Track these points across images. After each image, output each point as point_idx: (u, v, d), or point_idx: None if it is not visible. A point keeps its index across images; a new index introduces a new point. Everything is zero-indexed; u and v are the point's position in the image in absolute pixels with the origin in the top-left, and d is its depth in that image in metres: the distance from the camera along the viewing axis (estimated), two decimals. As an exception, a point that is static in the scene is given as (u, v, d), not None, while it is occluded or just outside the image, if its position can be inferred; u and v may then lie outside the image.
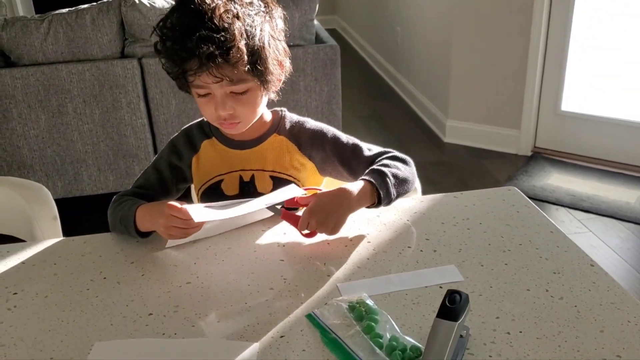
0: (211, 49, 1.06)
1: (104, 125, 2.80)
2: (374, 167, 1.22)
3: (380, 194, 1.17)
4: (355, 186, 1.16)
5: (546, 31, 3.25)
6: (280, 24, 1.21)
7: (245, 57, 1.10)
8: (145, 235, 1.18)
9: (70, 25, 2.67)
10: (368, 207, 1.19)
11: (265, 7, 1.17)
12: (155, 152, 2.89)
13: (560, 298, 0.99)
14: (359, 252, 1.13)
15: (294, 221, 1.15)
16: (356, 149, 1.30)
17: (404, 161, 1.26)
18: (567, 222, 2.83)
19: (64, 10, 2.73)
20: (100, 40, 2.72)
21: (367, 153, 1.29)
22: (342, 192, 1.15)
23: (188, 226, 1.10)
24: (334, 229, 1.13)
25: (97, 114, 2.77)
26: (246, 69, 1.12)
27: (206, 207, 1.13)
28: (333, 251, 1.14)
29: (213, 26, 1.07)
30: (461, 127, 3.66)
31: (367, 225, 1.22)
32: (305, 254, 1.13)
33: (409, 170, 1.25)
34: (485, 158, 3.51)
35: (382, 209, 1.23)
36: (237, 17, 1.10)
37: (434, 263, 1.10)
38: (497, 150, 3.57)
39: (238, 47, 1.09)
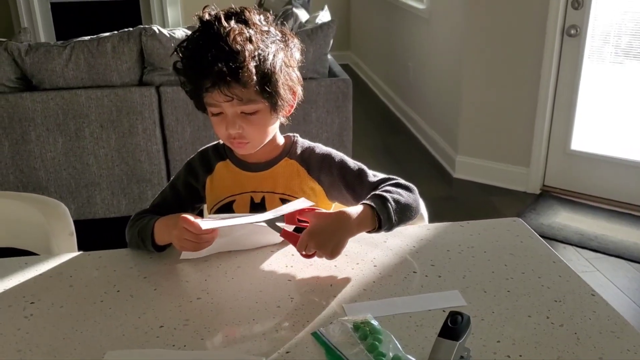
0: (222, 68, 1.13)
1: (119, 150, 2.86)
2: (376, 192, 1.25)
3: (380, 218, 1.18)
4: (356, 210, 1.18)
5: (557, 70, 3.31)
6: (297, 54, 1.27)
7: (255, 77, 1.16)
8: (161, 249, 1.22)
9: (92, 52, 2.76)
10: (369, 231, 1.20)
11: (282, 36, 1.24)
12: (169, 177, 2.95)
13: (560, 325, 1.02)
14: (365, 275, 1.16)
15: (294, 241, 1.17)
16: (361, 173, 1.33)
17: (407, 188, 1.28)
18: (574, 260, 2.83)
19: (86, 38, 2.82)
20: (119, 68, 2.80)
21: (371, 179, 1.33)
22: (342, 215, 1.16)
23: (199, 240, 1.14)
24: (332, 253, 1.14)
25: (113, 138, 2.84)
26: (255, 89, 1.18)
27: (217, 218, 1.17)
28: (340, 273, 1.17)
29: (226, 47, 1.15)
30: (470, 163, 3.69)
31: (374, 249, 1.25)
32: (312, 274, 1.17)
33: (412, 197, 1.26)
34: (493, 194, 3.53)
35: (388, 234, 1.26)
36: (250, 40, 1.17)
37: (439, 288, 1.12)
38: (505, 188, 3.59)
39: (248, 68, 1.15)
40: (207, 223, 1.13)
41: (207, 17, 1.19)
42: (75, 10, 6.00)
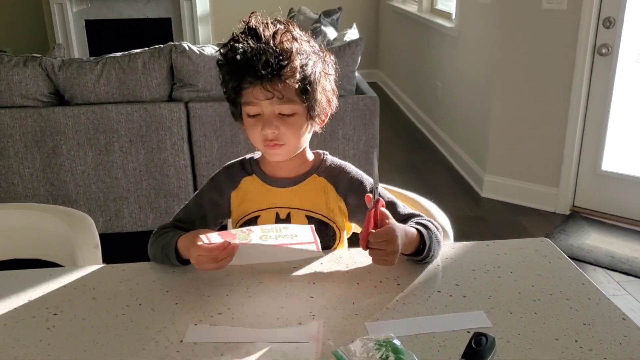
0: (269, 59, 1.16)
1: (147, 164, 2.89)
2: (422, 221, 1.26)
3: (423, 247, 1.21)
4: (410, 230, 1.20)
5: (587, 89, 3.26)
6: (331, 70, 1.30)
7: (298, 75, 1.19)
8: (186, 262, 1.22)
9: (123, 68, 2.80)
10: (404, 254, 1.20)
11: (320, 49, 1.28)
12: (196, 192, 2.96)
13: (589, 349, 0.99)
14: (388, 294, 1.14)
15: (366, 230, 1.15)
16: (393, 205, 1.32)
17: (438, 229, 1.28)
18: (605, 283, 2.77)
19: (118, 54, 2.87)
20: (149, 84, 2.84)
21: (402, 210, 1.33)
22: (405, 230, 1.19)
23: (214, 260, 1.14)
24: (394, 257, 1.15)
25: (142, 153, 2.87)
26: (296, 87, 1.19)
27: (233, 235, 1.16)
28: (362, 291, 1.15)
29: (273, 43, 1.18)
30: (499, 183, 3.65)
31: (398, 267, 1.23)
32: (334, 292, 1.15)
33: (442, 238, 1.29)
34: (522, 215, 3.48)
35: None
36: (296, 39, 1.21)
37: (463, 308, 1.10)
38: (534, 208, 3.54)
39: (292, 66, 1.18)
40: (218, 237, 1.13)
41: (253, 22, 1.22)
42: (108, 27, 6.13)
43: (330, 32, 3.80)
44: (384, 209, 1.18)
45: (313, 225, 1.16)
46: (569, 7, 3.15)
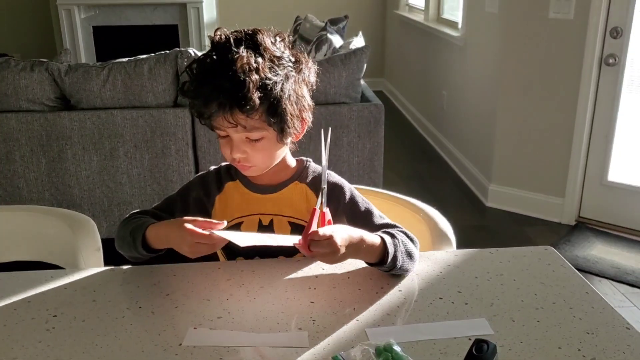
0: (225, 97, 1.13)
1: (152, 170, 2.89)
2: (390, 231, 1.24)
3: (386, 255, 1.17)
4: (372, 238, 1.17)
5: (594, 99, 3.25)
6: (312, 78, 1.26)
7: (260, 108, 1.15)
8: (152, 251, 1.22)
9: (129, 74, 2.81)
10: (368, 263, 1.20)
11: (295, 62, 1.22)
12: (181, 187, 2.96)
13: (592, 358, 0.97)
14: (390, 300, 1.14)
15: (306, 231, 1.12)
16: (368, 213, 1.30)
17: (412, 240, 1.25)
18: (610, 294, 2.75)
19: (124, 60, 2.89)
20: (155, 89, 2.85)
21: (377, 220, 1.30)
22: (362, 237, 1.16)
23: (211, 241, 1.13)
24: (339, 258, 1.12)
25: (146, 158, 2.87)
26: (260, 118, 1.17)
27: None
28: (363, 297, 1.15)
29: (230, 76, 1.13)
30: (504, 192, 3.63)
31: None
32: (335, 297, 1.15)
33: (416, 250, 1.24)
34: (527, 225, 3.46)
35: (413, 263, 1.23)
36: (257, 70, 1.14)
37: (465, 315, 1.09)
38: (539, 218, 3.52)
39: (251, 98, 1.13)
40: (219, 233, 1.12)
41: (217, 39, 1.19)
42: (116, 33, 6.17)
43: (336, 40, 3.81)
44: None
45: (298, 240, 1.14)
46: (576, 16, 3.15)
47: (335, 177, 1.35)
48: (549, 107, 3.37)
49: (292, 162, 1.35)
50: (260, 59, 1.16)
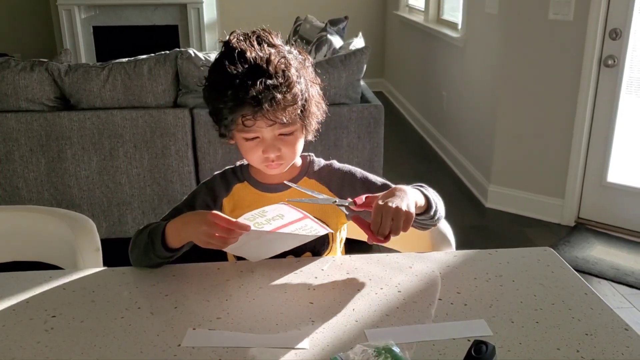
0: (275, 94, 1.14)
1: (151, 170, 2.89)
2: (413, 185, 1.25)
3: (428, 198, 1.20)
4: (407, 187, 1.18)
5: (593, 100, 3.25)
6: (312, 72, 1.29)
7: (299, 101, 1.19)
8: (170, 251, 1.20)
9: (129, 74, 2.81)
10: (418, 214, 1.18)
11: (301, 55, 1.27)
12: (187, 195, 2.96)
13: (591, 359, 0.97)
14: (389, 300, 1.14)
15: (366, 227, 1.12)
16: (385, 186, 1.33)
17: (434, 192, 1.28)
18: (609, 295, 2.75)
19: (124, 60, 2.88)
20: (155, 90, 2.85)
21: (376, 180, 1.35)
22: (400, 187, 1.16)
23: (229, 235, 1.09)
24: (407, 218, 1.08)
25: (146, 159, 2.87)
26: (298, 111, 1.20)
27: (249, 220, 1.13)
28: (362, 297, 1.15)
29: (273, 73, 1.16)
30: (503, 193, 3.63)
31: (399, 274, 1.22)
32: (334, 298, 1.15)
33: (440, 198, 1.29)
34: (526, 226, 3.46)
35: (413, 259, 1.23)
36: (290, 63, 1.19)
37: (464, 316, 1.09)
38: (539, 219, 3.52)
39: (294, 93, 1.17)
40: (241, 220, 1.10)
41: (235, 41, 1.19)
42: (116, 33, 6.17)
43: (336, 41, 3.81)
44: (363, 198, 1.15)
45: (307, 217, 1.14)
46: (575, 18, 3.15)
47: (341, 165, 1.38)
48: (549, 107, 3.37)
49: (298, 159, 1.37)
50: (285, 54, 1.20)
